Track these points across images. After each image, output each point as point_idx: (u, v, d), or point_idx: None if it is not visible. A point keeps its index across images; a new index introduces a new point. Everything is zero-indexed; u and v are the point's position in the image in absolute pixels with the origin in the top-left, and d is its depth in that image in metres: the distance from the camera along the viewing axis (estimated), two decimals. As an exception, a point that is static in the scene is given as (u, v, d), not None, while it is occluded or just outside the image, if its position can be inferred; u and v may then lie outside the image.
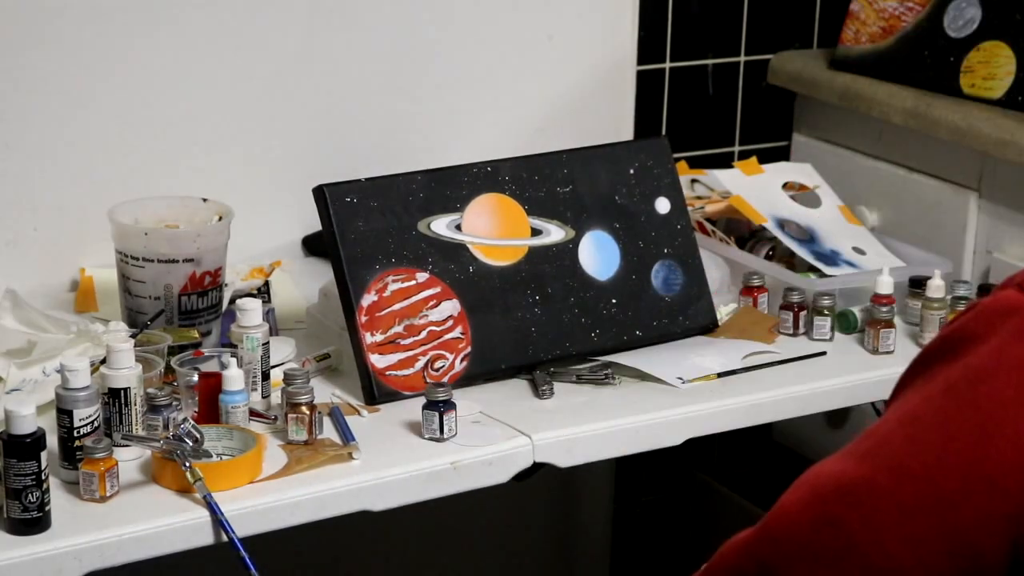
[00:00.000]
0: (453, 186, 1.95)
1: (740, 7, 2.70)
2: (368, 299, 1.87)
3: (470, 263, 1.94)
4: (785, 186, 2.37)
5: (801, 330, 2.08)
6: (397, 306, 1.88)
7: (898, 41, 2.56)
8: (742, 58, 2.72)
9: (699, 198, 2.36)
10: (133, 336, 1.79)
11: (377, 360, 1.86)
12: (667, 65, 2.65)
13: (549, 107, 2.49)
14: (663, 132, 2.65)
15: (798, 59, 2.72)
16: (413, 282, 1.90)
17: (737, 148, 2.76)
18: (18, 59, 2.09)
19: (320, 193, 1.89)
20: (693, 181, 2.45)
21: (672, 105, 2.66)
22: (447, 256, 1.92)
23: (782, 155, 2.76)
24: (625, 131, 2.57)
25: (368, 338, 1.86)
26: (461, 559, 2.63)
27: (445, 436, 1.78)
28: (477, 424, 1.83)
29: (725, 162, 2.73)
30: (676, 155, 2.15)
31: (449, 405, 1.78)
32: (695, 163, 2.61)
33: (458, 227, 1.94)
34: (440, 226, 1.93)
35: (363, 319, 1.86)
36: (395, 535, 2.48)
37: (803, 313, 2.08)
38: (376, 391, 1.85)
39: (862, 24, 2.61)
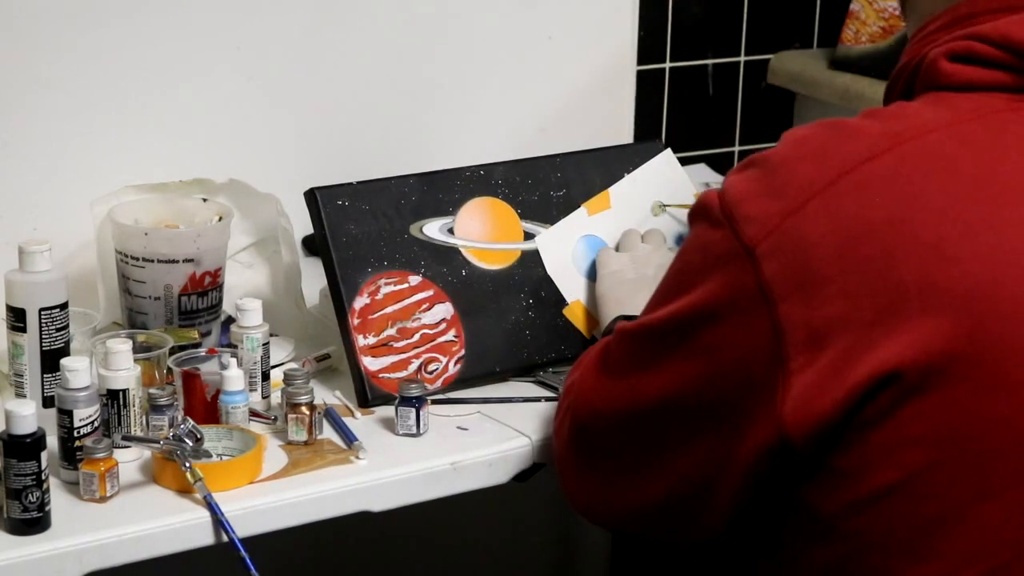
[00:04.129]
0: (445, 189, 1.96)
1: (740, 7, 2.70)
2: (360, 302, 1.87)
3: (463, 266, 1.94)
4: None
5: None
6: (389, 309, 1.89)
7: (898, 41, 2.56)
8: (742, 58, 2.73)
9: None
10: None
11: (370, 363, 1.86)
12: (667, 65, 2.65)
13: (549, 107, 2.49)
14: (663, 132, 2.65)
15: (798, 59, 2.73)
16: (405, 285, 1.90)
17: (737, 148, 2.76)
18: (18, 58, 2.09)
19: (311, 196, 1.89)
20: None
21: (672, 105, 2.67)
22: (440, 259, 1.93)
23: (782, 155, 2.76)
24: (625, 131, 2.57)
25: (360, 341, 1.86)
26: (461, 559, 2.63)
27: (421, 432, 1.79)
28: (477, 424, 1.84)
29: (725, 162, 2.73)
30: (677, 155, 2.15)
31: (423, 401, 1.79)
32: (694, 163, 2.61)
33: (450, 231, 1.94)
34: (432, 229, 1.93)
35: (355, 322, 1.87)
36: (395, 535, 2.48)
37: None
38: (369, 394, 1.85)
39: (862, 24, 2.61)
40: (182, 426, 1.69)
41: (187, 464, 1.64)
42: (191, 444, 1.67)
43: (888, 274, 1.24)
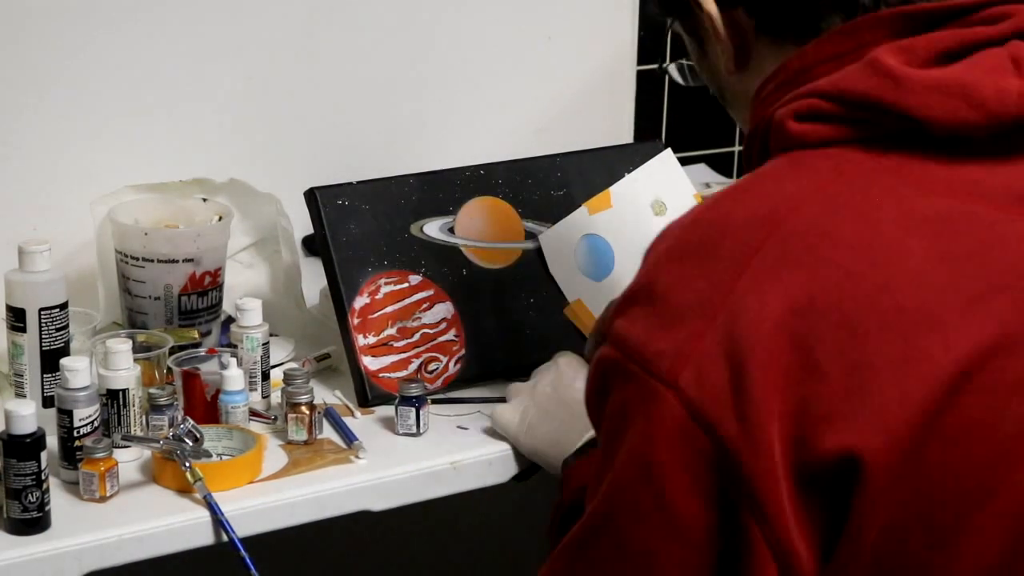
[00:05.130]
0: (445, 189, 1.96)
1: (740, 7, 2.70)
2: (360, 301, 1.87)
3: (463, 266, 1.94)
4: None
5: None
6: (390, 308, 1.89)
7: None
8: (742, 58, 2.72)
9: (705, 199, 2.36)
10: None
11: (370, 362, 1.86)
12: (667, 65, 2.65)
13: (549, 107, 2.49)
14: (663, 132, 2.65)
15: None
16: (406, 284, 1.90)
17: (737, 148, 2.76)
18: (18, 59, 2.09)
19: (311, 196, 1.90)
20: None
21: (672, 105, 2.67)
22: (440, 259, 1.93)
23: (782, 155, 2.76)
24: (625, 131, 2.57)
25: (360, 340, 1.86)
26: (461, 559, 2.63)
27: (421, 431, 1.79)
28: (477, 424, 1.84)
29: (725, 162, 2.73)
30: (677, 155, 2.15)
31: (423, 400, 1.79)
32: (695, 163, 2.61)
33: (451, 230, 1.94)
34: (433, 229, 1.93)
35: (355, 321, 1.87)
36: (395, 535, 2.48)
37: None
38: (369, 393, 1.85)
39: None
40: (182, 426, 1.69)
41: (187, 464, 1.64)
42: (191, 444, 1.68)
43: (805, 362, 1.17)
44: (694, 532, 1.19)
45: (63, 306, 1.77)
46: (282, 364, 1.90)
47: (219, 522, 1.61)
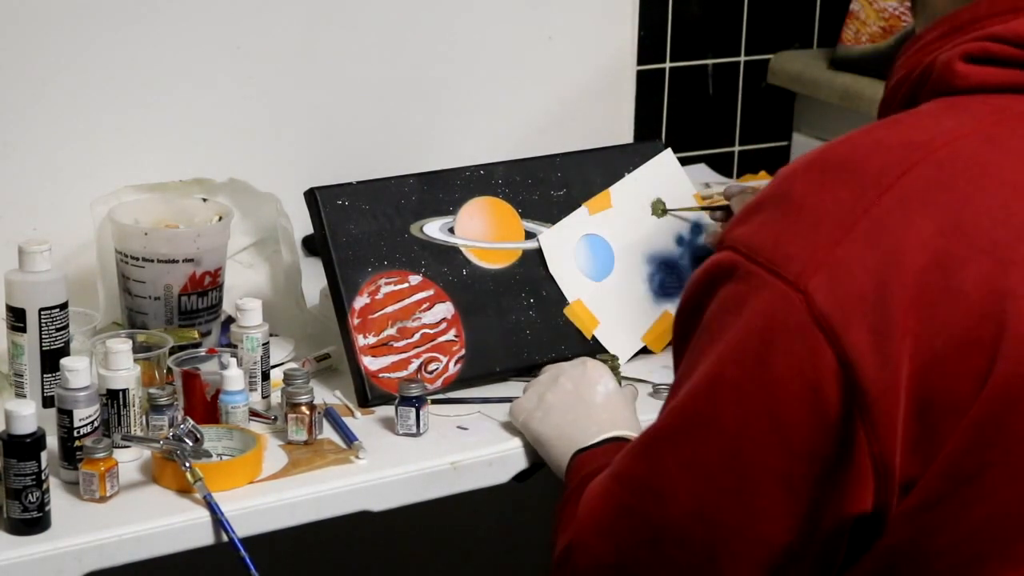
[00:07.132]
0: (446, 189, 1.96)
1: (740, 7, 2.70)
2: (360, 301, 1.87)
3: (463, 266, 1.94)
4: None
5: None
6: (390, 308, 1.89)
7: (898, 41, 2.56)
8: (742, 58, 2.73)
9: (705, 198, 2.36)
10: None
11: (370, 363, 1.86)
12: (667, 65, 2.66)
13: (549, 108, 2.49)
14: (663, 132, 2.65)
15: (798, 59, 2.73)
16: (406, 285, 1.90)
17: (737, 148, 2.76)
18: (18, 58, 2.09)
19: (311, 196, 1.90)
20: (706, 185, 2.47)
21: (672, 105, 2.67)
22: (440, 259, 1.93)
23: (782, 155, 2.76)
24: (625, 131, 2.57)
25: (360, 340, 1.86)
26: (461, 559, 2.63)
27: (421, 432, 1.79)
28: (477, 424, 1.84)
29: (725, 162, 2.73)
30: (677, 155, 2.15)
31: (423, 400, 1.79)
32: (695, 163, 2.61)
33: (451, 230, 1.94)
34: (433, 229, 1.93)
35: (355, 321, 1.87)
36: (395, 535, 2.48)
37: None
38: (369, 393, 1.85)
39: (862, 24, 2.61)
40: (182, 426, 1.69)
41: (187, 464, 1.64)
42: (191, 444, 1.68)
43: (947, 283, 1.17)
44: (799, 441, 1.19)
45: (63, 306, 1.77)
46: (282, 364, 1.90)
47: (219, 522, 1.61)
